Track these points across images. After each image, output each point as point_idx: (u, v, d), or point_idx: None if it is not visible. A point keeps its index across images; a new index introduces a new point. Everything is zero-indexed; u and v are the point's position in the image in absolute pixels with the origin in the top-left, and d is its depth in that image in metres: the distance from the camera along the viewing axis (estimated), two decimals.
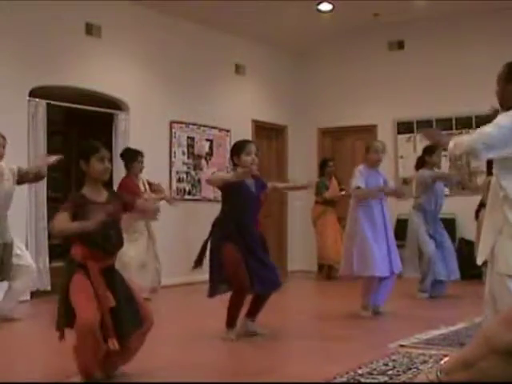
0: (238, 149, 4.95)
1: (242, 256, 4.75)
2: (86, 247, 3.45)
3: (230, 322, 4.82)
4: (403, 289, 6.92)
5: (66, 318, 3.42)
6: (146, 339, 3.65)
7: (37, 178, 5.64)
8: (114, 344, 3.38)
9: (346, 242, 5.90)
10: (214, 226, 5.01)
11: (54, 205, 8.17)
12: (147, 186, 7.06)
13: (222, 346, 4.71)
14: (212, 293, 4.87)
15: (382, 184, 5.91)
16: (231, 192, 4.87)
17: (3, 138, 5.50)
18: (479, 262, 3.34)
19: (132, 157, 6.96)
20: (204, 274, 8.96)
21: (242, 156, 4.88)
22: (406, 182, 7.13)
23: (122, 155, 7.11)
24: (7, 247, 5.42)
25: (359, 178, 5.76)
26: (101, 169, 3.56)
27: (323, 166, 9.30)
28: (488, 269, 3.35)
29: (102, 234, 3.46)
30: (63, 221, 3.42)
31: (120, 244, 3.65)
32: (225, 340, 4.73)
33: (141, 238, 6.87)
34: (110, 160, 3.77)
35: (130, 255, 6.53)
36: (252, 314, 4.96)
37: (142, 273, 6.73)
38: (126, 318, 3.51)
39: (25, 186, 6.66)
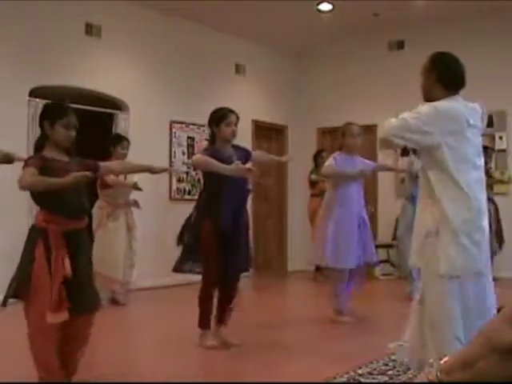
0: (218, 118, 4.64)
1: (218, 241, 4.44)
2: (48, 212, 3.29)
3: (203, 321, 4.54)
4: (402, 289, 6.91)
5: (18, 286, 3.25)
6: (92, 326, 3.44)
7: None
8: (64, 316, 3.18)
9: (318, 231, 5.70)
10: (198, 199, 4.73)
11: None
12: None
13: (220, 347, 4.70)
14: (178, 268, 4.58)
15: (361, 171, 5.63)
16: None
17: None
18: (412, 264, 3.27)
19: (114, 141, 6.77)
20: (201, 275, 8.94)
21: (222, 126, 4.60)
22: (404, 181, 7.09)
23: (108, 140, 6.88)
24: None
25: (331, 161, 5.57)
26: (65, 135, 3.37)
27: (317, 157, 9.13)
28: (420, 276, 3.26)
29: (63, 198, 3.29)
30: (34, 175, 3.22)
31: (84, 208, 3.47)
32: (202, 347, 4.47)
33: (120, 229, 6.63)
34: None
35: (104, 247, 6.31)
36: (221, 319, 4.66)
37: (113, 266, 6.45)
38: (83, 290, 3.34)
39: None
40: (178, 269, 4.61)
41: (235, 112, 4.80)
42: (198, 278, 4.66)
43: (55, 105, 3.55)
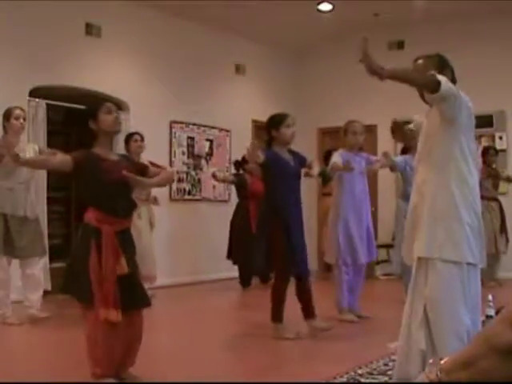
0: (277, 122, 4.93)
1: (286, 238, 4.71)
2: (99, 211, 3.38)
3: (275, 315, 4.79)
4: (401, 289, 6.91)
5: (80, 290, 3.34)
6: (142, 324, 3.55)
7: None
8: (116, 316, 3.28)
9: (330, 230, 5.78)
10: (262, 208, 5.06)
11: (54, 205, 8.20)
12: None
13: (221, 347, 4.71)
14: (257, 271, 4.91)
15: (364, 167, 5.73)
16: (270, 168, 4.83)
17: (22, 110, 5.61)
18: (424, 254, 3.07)
19: (127, 138, 6.84)
20: (204, 274, 8.97)
21: (282, 129, 4.89)
22: None
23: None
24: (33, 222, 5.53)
25: (337, 157, 5.65)
26: (111, 119, 3.50)
27: (328, 157, 9.02)
28: (421, 269, 3.10)
29: (113, 198, 3.40)
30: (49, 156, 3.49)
31: (132, 207, 3.59)
32: (276, 339, 4.68)
33: (145, 226, 6.75)
34: None
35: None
36: (307, 312, 4.97)
37: (143, 263, 6.52)
38: (138, 287, 3.47)
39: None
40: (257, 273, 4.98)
41: (291, 115, 5.13)
42: (197, 278, 4.67)
43: (91, 104, 3.69)
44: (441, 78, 3.02)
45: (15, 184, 5.46)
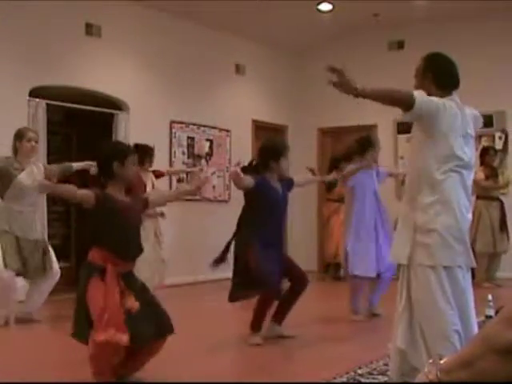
0: (279, 153, 4.81)
1: (269, 257, 4.64)
2: (107, 252, 3.38)
3: (255, 325, 4.72)
4: None
5: (86, 326, 3.34)
6: (161, 348, 3.57)
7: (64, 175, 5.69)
8: (123, 339, 3.23)
9: (342, 242, 5.93)
10: (239, 227, 4.84)
11: (54, 205, 8.19)
12: (153, 179, 6.99)
13: (220, 347, 4.71)
14: (233, 298, 4.76)
15: (375, 182, 5.88)
16: (258, 196, 4.72)
17: (35, 133, 5.69)
18: (402, 261, 3.16)
19: (147, 152, 6.86)
20: (204, 275, 8.95)
21: (282, 161, 4.79)
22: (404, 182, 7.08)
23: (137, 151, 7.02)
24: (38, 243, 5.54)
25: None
26: (134, 171, 3.58)
27: (337, 164, 8.98)
28: (404, 271, 3.20)
29: (125, 241, 3.42)
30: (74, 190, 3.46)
31: (139, 252, 3.59)
32: (250, 345, 4.60)
33: (148, 238, 6.64)
34: None
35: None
36: (278, 316, 4.91)
37: (146, 271, 6.53)
38: (143, 322, 3.41)
39: None
40: (234, 299, 4.80)
41: (288, 146, 5.07)
42: (197, 278, 4.66)
43: (121, 144, 3.80)
44: (417, 94, 3.01)
45: (25, 207, 5.44)
